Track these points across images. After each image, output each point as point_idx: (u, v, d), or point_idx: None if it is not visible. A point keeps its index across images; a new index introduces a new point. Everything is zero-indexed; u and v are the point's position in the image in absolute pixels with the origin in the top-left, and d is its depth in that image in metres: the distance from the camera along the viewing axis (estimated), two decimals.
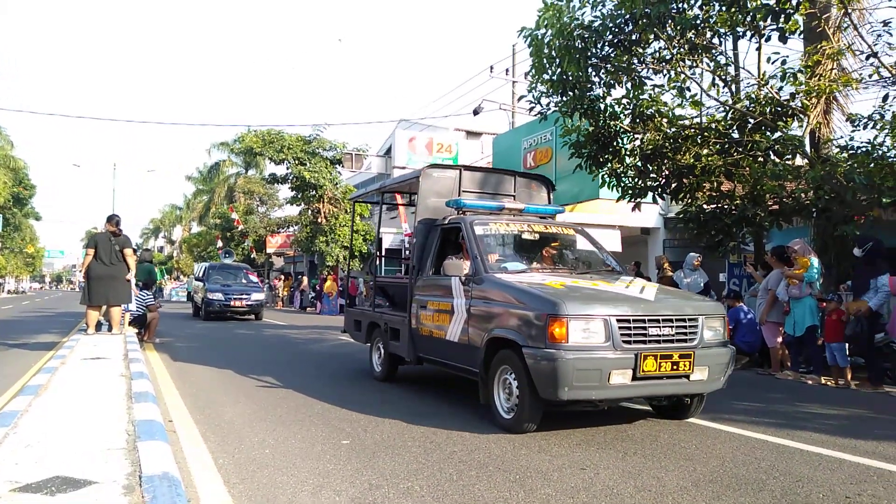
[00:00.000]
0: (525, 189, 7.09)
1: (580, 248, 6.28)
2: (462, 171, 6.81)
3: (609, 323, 4.40)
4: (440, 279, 5.85)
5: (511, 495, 3.39)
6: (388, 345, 6.89)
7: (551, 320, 4.34)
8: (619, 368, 4.35)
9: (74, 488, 2.88)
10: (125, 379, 5.75)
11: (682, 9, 8.38)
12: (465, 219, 5.86)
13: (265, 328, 15.63)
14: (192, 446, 4.30)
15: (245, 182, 37.84)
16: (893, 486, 3.63)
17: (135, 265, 9.43)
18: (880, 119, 7.85)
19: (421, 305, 6.09)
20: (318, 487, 3.50)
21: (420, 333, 6.09)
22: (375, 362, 7.38)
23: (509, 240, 6.12)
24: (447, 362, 5.77)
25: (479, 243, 5.54)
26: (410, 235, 24.04)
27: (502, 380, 4.88)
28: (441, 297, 5.77)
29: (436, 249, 6.17)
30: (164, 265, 55.61)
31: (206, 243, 41.89)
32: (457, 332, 5.41)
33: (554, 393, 4.32)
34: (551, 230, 6.24)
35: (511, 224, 6.07)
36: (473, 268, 5.39)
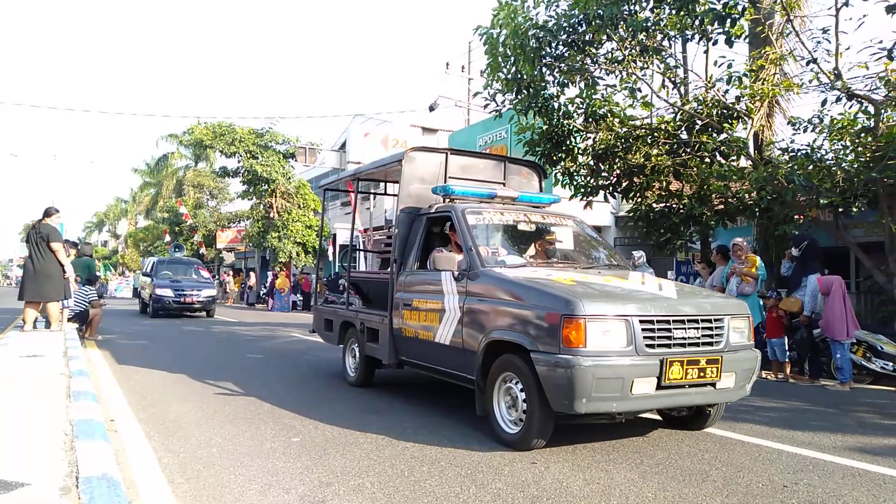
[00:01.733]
0: (516, 176, 6.57)
1: (581, 241, 5.73)
2: (449, 154, 6.21)
3: (631, 324, 3.86)
4: (427, 274, 5.34)
5: (462, 490, 3.40)
6: (364, 347, 6.30)
7: (566, 321, 3.80)
8: (642, 376, 3.82)
9: (5, 490, 2.74)
10: (64, 377, 5.53)
11: (634, 11, 8.55)
12: (455, 207, 5.30)
13: (214, 325, 15.27)
14: (134, 446, 4.16)
15: (195, 175, 36.89)
16: (828, 474, 3.78)
17: (65, 258, 8.93)
18: (819, 123, 8.17)
19: (405, 304, 5.48)
20: (266, 486, 3.43)
21: (403, 335, 5.52)
22: (349, 366, 6.76)
23: (504, 231, 5.51)
24: (435, 367, 5.23)
25: (473, 234, 4.99)
26: (364, 232, 23.95)
27: (504, 389, 4.34)
28: (429, 294, 5.19)
29: (421, 241, 5.60)
30: (109, 260, 53.75)
31: (154, 238, 40.68)
32: (448, 334, 4.85)
33: (569, 405, 3.78)
34: (549, 220, 5.68)
35: (506, 213, 5.51)
36: (467, 262, 4.83)
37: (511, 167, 6.60)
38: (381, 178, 7.78)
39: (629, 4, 8.47)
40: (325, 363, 8.39)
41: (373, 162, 7.20)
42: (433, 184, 5.95)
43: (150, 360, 8.40)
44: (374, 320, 6.12)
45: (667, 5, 8.53)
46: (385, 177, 7.61)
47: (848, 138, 7.80)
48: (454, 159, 6.24)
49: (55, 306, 8.99)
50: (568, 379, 3.73)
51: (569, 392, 3.75)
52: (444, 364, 5.08)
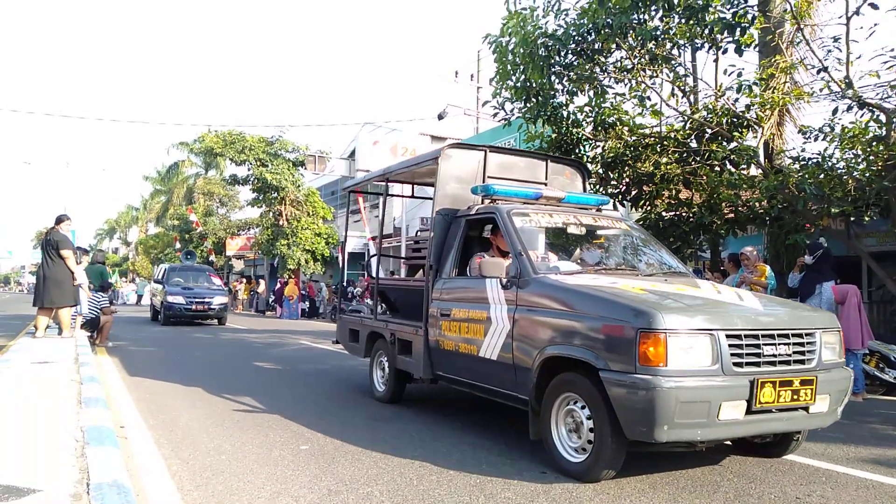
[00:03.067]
0: (559, 176, 6.11)
1: (636, 245, 5.29)
2: (488, 152, 5.79)
3: (717, 339, 3.42)
4: (469, 282, 4.94)
5: (471, 499, 3.39)
6: (394, 360, 5.84)
7: (643, 336, 3.35)
8: (730, 399, 3.39)
9: (18, 497, 2.76)
10: (75, 383, 5.56)
11: (643, 20, 8.55)
12: (499, 208, 4.87)
13: (223, 332, 15.32)
14: (144, 453, 4.17)
15: (205, 183, 37.10)
16: (841, 486, 3.74)
17: (75, 265, 9.01)
18: (830, 132, 8.13)
19: (442, 314, 5.04)
20: (275, 493, 3.44)
21: (440, 347, 5.08)
22: (377, 380, 6.29)
23: (553, 234, 5.08)
24: (478, 384, 4.76)
25: (522, 237, 4.56)
26: (373, 240, 23.94)
27: (564, 412, 3.90)
28: (471, 304, 4.73)
29: (459, 246, 5.18)
30: (120, 267, 54.10)
31: (164, 245, 40.92)
32: (495, 349, 4.39)
33: (648, 432, 3.33)
34: (600, 223, 5.23)
35: (555, 215, 5.07)
36: (516, 268, 4.38)
37: (553, 166, 6.13)
38: (408, 178, 7.29)
39: (639, 13, 8.47)
40: (333, 371, 8.40)
41: (405, 160, 6.80)
42: (471, 183, 5.54)
43: (160, 367, 8.43)
44: (406, 331, 5.67)
45: (676, 14, 8.53)
46: (412, 178, 7.19)
47: (859, 147, 7.75)
48: (493, 157, 5.81)
49: (66, 313, 9.06)
50: (647, 402, 3.28)
51: (648, 418, 3.30)
52: (489, 381, 4.60)
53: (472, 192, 5.38)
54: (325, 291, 24.50)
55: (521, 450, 4.39)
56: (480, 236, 5.51)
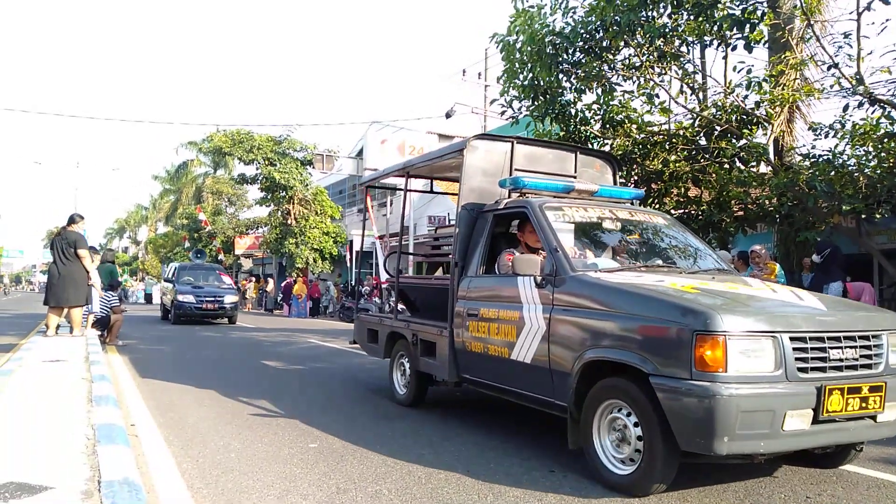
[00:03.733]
0: (588, 169, 5.85)
1: (675, 241, 4.96)
2: (515, 143, 5.51)
3: (780, 342, 3.16)
4: (500, 280, 4.69)
5: (480, 497, 3.39)
6: (417, 362, 5.61)
7: (701, 339, 3.08)
8: (796, 408, 3.12)
9: (30, 494, 2.79)
10: (85, 382, 5.60)
11: (652, 17, 8.51)
12: (530, 202, 4.61)
13: (232, 331, 15.39)
14: (154, 451, 4.20)
15: (213, 182, 37.29)
16: (852, 485, 3.72)
17: (90, 265, 9.10)
18: (841, 128, 8.07)
19: (469, 314, 4.79)
20: (284, 491, 3.45)
21: (467, 349, 4.83)
22: (398, 383, 6.07)
23: (589, 229, 4.84)
24: (509, 388, 4.49)
25: (556, 233, 4.30)
26: (381, 239, 23.96)
27: (608, 420, 3.62)
28: (502, 303, 4.49)
29: (486, 242, 4.94)
30: (130, 266, 54.45)
31: (173, 244, 41.18)
32: (528, 351, 4.14)
33: (706, 444, 3.06)
34: (637, 217, 4.97)
35: (589, 209, 4.79)
36: (551, 265, 4.11)
37: (583, 158, 5.86)
38: (429, 173, 7.00)
39: (647, 10, 8.44)
40: (341, 370, 8.42)
41: (427, 153, 6.45)
42: (497, 176, 5.30)
43: (169, 365, 8.49)
44: (430, 332, 5.42)
45: (685, 11, 8.49)
46: (434, 172, 6.91)
47: (870, 144, 7.69)
48: (520, 149, 5.52)
49: (78, 312, 9.13)
50: (706, 412, 3.02)
51: (706, 428, 3.03)
52: (521, 386, 4.34)
53: (500, 186, 5.13)
54: (333, 290, 24.54)
55: (530, 449, 4.39)
56: (507, 232, 5.30)
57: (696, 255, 4.87)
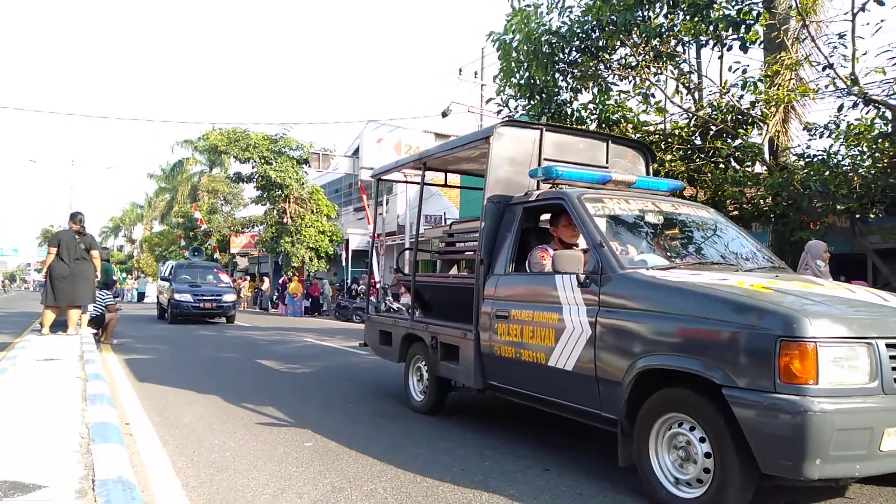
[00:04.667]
0: (619, 159, 5.49)
1: (725, 236, 4.54)
2: (544, 131, 5.14)
3: (876, 350, 2.77)
4: (534, 279, 4.36)
5: (475, 496, 3.39)
6: (436, 366, 5.22)
7: (786, 346, 2.71)
8: (895, 426, 2.75)
9: (23, 493, 2.78)
10: (80, 380, 5.59)
11: (648, 17, 8.54)
12: (568, 193, 4.23)
13: (228, 330, 15.37)
14: (149, 449, 4.19)
15: (209, 181, 37.21)
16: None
17: (98, 265, 9.17)
18: (835, 128, 8.10)
19: (498, 315, 4.42)
20: (279, 490, 3.45)
21: (495, 354, 4.45)
22: (414, 389, 5.71)
23: (631, 223, 4.41)
24: (546, 398, 4.11)
25: (599, 227, 3.95)
26: (376, 237, 23.95)
27: (668, 437, 3.22)
28: (537, 304, 4.11)
29: (515, 238, 4.58)
30: (125, 264, 54.30)
31: (168, 243, 41.10)
32: (570, 358, 3.75)
33: (795, 467, 2.68)
34: (681, 210, 4.57)
35: (631, 201, 4.41)
36: (595, 262, 3.73)
37: (615, 147, 5.51)
38: (447, 164, 6.56)
39: (643, 10, 8.46)
40: (337, 368, 8.41)
41: (447, 142, 6.02)
42: (525, 166, 4.94)
43: (165, 364, 8.47)
44: (452, 334, 5.03)
45: (681, 11, 8.51)
46: (447, 164, 6.56)
47: (865, 144, 7.72)
48: (549, 137, 5.15)
49: (76, 311, 9.12)
50: (795, 430, 2.64)
51: (795, 449, 2.65)
52: (561, 395, 3.96)
53: (531, 176, 4.75)
54: (329, 289, 24.52)
55: (526, 448, 4.40)
56: (537, 227, 5.00)
57: (748, 252, 4.43)
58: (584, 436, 4.73)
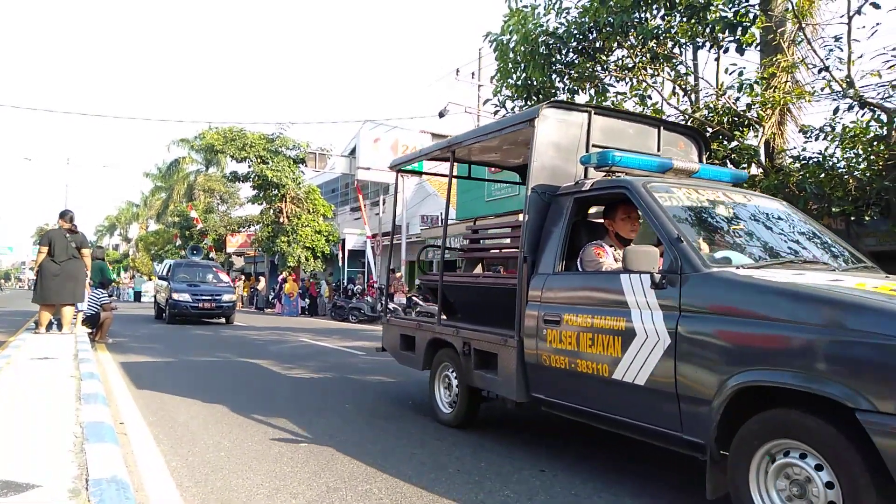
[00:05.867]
0: (671, 147, 5.04)
1: (806, 231, 4.09)
2: (592, 114, 4.66)
3: None
4: (593, 279, 3.87)
5: (471, 496, 3.39)
6: (469, 375, 4.75)
7: None
8: None
9: (16, 492, 2.77)
10: (74, 379, 5.57)
11: (645, 19, 8.55)
12: (633, 182, 3.76)
13: (224, 329, 15.33)
14: (143, 449, 4.18)
15: (205, 180, 37.19)
16: None
17: (90, 263, 9.19)
18: (831, 131, 8.12)
19: (547, 320, 3.93)
20: (274, 490, 3.44)
21: (543, 364, 3.97)
22: (441, 400, 5.21)
23: (704, 216, 3.85)
24: (609, 415, 3.59)
25: (673, 219, 3.45)
26: (373, 238, 23.94)
27: (775, 467, 2.71)
28: (597, 307, 3.65)
29: (565, 232, 4.12)
30: (120, 263, 54.16)
31: (164, 242, 41.02)
32: (642, 370, 3.26)
33: None
34: (755, 202, 4.10)
35: (701, 191, 3.92)
36: (671, 260, 3.26)
37: (666, 134, 5.07)
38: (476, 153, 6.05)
39: (640, 12, 8.47)
40: (333, 368, 8.40)
41: (482, 126, 5.52)
42: (571, 152, 4.53)
43: (159, 364, 8.45)
44: (488, 340, 4.53)
45: (678, 13, 8.53)
46: (475, 154, 6.07)
47: (860, 146, 7.75)
48: (598, 121, 4.69)
49: (69, 309, 9.10)
50: None
51: None
52: (629, 414, 3.44)
53: (582, 162, 4.34)
54: (325, 288, 24.51)
55: (521, 449, 4.40)
56: (585, 220, 4.58)
57: (837, 249, 3.99)
58: (579, 437, 4.74)
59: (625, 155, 4.07)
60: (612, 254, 4.04)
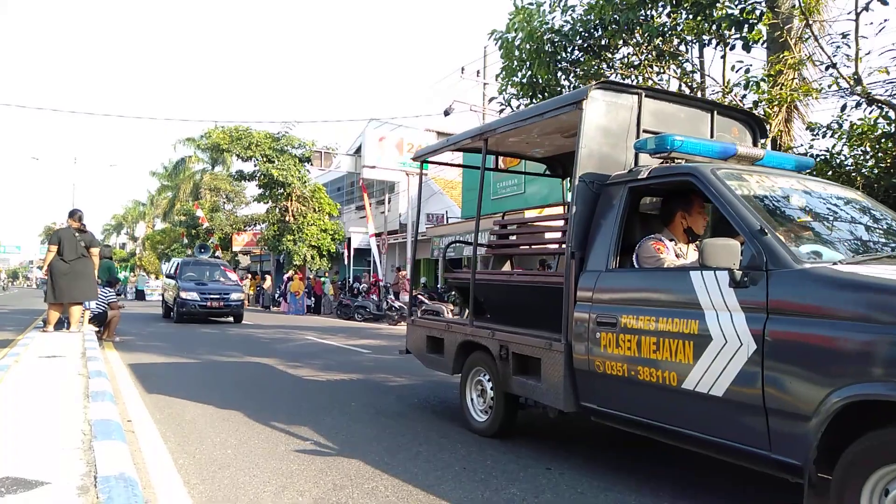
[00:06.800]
0: (724, 133, 4.70)
1: (890, 222, 3.64)
2: (643, 96, 4.29)
3: None
4: (657, 277, 3.52)
5: (477, 494, 3.40)
6: (507, 381, 4.42)
7: None
8: None
9: (26, 489, 2.79)
10: (82, 377, 5.60)
11: (650, 16, 8.53)
12: (701, 168, 3.41)
13: (230, 328, 15.38)
14: (150, 446, 4.21)
15: (211, 179, 37.28)
16: None
17: (97, 262, 9.25)
18: (838, 128, 8.09)
19: (601, 322, 3.59)
20: (280, 488, 3.45)
21: (596, 370, 3.62)
22: (474, 407, 4.87)
23: (781, 206, 3.45)
24: (678, 429, 3.19)
25: (754, 209, 3.10)
26: (376, 237, 23.91)
27: (892, 499, 2.34)
28: (663, 308, 3.29)
29: (619, 225, 3.75)
30: (127, 262, 54.41)
31: (171, 241, 41.19)
32: (721, 379, 2.90)
33: None
34: (831, 191, 3.73)
35: (774, 178, 3.57)
36: (753, 254, 2.90)
37: (720, 120, 4.71)
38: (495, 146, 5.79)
39: (645, 9, 8.45)
40: (338, 366, 8.42)
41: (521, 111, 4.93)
42: (621, 138, 4.20)
43: (166, 362, 8.48)
44: (530, 343, 4.20)
45: (683, 10, 8.50)
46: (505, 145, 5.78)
47: (868, 144, 7.71)
48: (649, 104, 4.34)
49: (77, 308, 9.15)
50: None
51: None
52: (703, 428, 3.05)
53: (637, 148, 4.02)
54: (330, 287, 24.56)
55: (527, 448, 4.40)
56: (637, 212, 4.18)
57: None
58: (585, 436, 4.74)
59: (686, 139, 3.70)
60: (674, 249, 3.73)
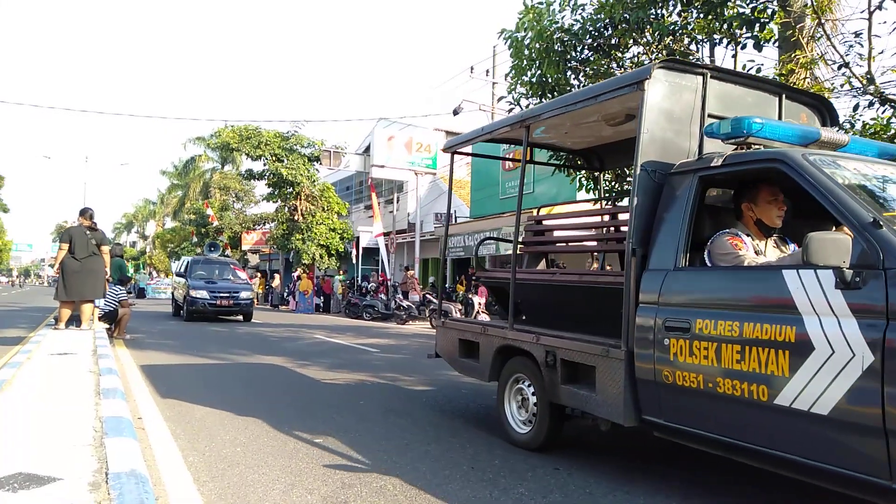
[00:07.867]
0: (792, 119, 4.29)
1: None
2: (708, 77, 3.91)
3: None
4: (741, 276, 3.12)
5: (485, 493, 3.39)
6: (554, 390, 4.05)
7: None
8: None
9: (38, 485, 2.81)
10: (93, 375, 5.64)
11: (661, 15, 8.49)
12: (790, 154, 3.05)
13: (239, 326, 15.45)
14: (161, 444, 4.23)
15: (221, 178, 37.47)
16: None
17: (108, 261, 9.32)
18: (851, 128, 8.02)
19: (670, 327, 3.23)
20: (290, 486, 3.47)
21: (664, 381, 3.24)
22: (514, 417, 4.51)
23: (889, 196, 3.10)
24: (770, 451, 2.80)
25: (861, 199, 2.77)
26: (384, 236, 23.93)
27: None
28: (749, 312, 2.89)
29: (688, 219, 3.39)
30: (137, 260, 54.77)
31: (181, 239, 41.44)
32: (825, 396, 2.54)
33: None
34: None
35: (873, 165, 3.28)
36: (865, 250, 2.54)
37: (788, 104, 4.33)
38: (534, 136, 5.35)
39: (656, 8, 8.41)
40: (347, 364, 8.44)
41: (572, 93, 4.74)
42: (684, 123, 3.84)
43: (176, 360, 8.53)
44: (583, 350, 3.80)
45: (694, 9, 8.46)
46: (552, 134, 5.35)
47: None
48: (714, 86, 3.95)
49: (88, 306, 9.22)
50: None
51: None
52: (801, 451, 2.67)
53: (708, 133, 3.59)
54: (338, 286, 24.61)
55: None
56: (707, 204, 3.77)
57: None
58: (594, 436, 4.73)
59: (766, 121, 3.32)
60: (752, 245, 3.35)
